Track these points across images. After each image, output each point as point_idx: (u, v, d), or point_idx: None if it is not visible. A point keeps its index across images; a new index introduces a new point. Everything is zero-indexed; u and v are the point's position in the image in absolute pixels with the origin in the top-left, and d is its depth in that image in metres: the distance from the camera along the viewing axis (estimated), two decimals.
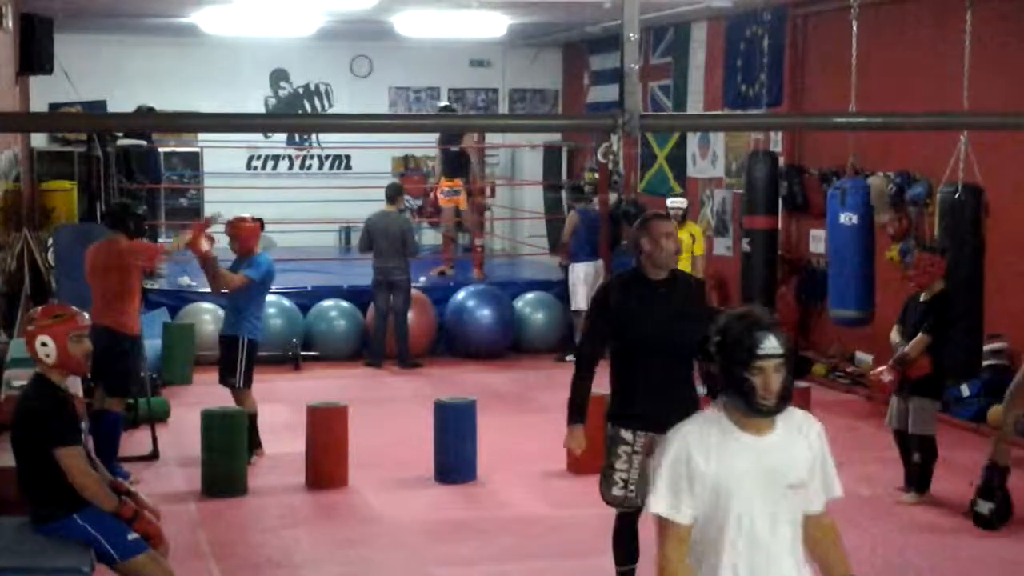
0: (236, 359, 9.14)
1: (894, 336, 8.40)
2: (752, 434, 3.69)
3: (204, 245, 8.88)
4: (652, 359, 5.85)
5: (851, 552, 7.42)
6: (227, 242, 9.38)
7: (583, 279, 13.10)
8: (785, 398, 3.63)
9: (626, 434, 5.89)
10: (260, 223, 9.42)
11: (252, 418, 9.11)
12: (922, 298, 8.23)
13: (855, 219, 10.08)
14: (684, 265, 10.57)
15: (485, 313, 13.23)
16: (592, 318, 6.13)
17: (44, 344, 5.52)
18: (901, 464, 8.43)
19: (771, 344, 3.58)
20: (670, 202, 12.36)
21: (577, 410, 6.03)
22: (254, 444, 9.11)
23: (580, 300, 13.08)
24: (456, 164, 14.86)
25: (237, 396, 9.21)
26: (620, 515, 6.04)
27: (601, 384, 5.97)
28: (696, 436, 3.69)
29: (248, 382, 9.21)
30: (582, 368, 6.03)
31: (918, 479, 8.23)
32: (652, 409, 5.84)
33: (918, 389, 8.10)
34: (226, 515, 8.01)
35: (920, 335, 8.05)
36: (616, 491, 5.92)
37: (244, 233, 9.25)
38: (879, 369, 8.55)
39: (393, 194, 13.32)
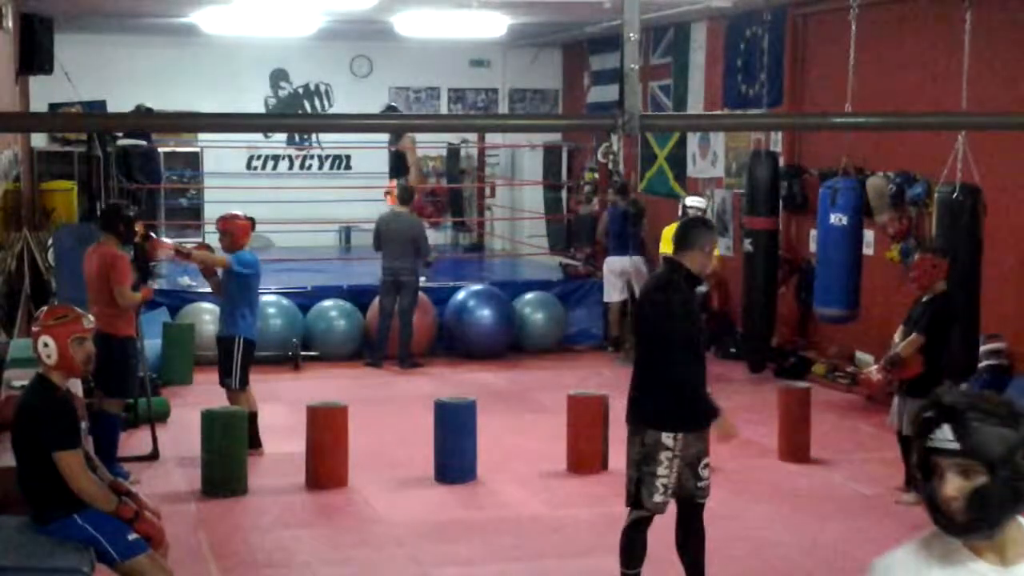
0: (232, 359, 9.17)
1: (897, 337, 8.40)
2: (993, 562, 2.59)
3: (161, 252, 9.24)
4: (696, 362, 6.00)
5: (851, 552, 7.46)
6: (218, 238, 9.43)
7: (614, 272, 13.28)
8: (981, 513, 2.52)
9: (667, 439, 5.90)
10: (252, 222, 9.46)
11: (253, 416, 9.13)
12: (924, 299, 8.23)
13: (844, 219, 10.09)
14: None
15: (485, 313, 13.23)
16: (683, 323, 6.03)
17: (46, 345, 5.53)
18: (901, 464, 8.42)
19: (943, 435, 2.55)
20: (690, 201, 12.12)
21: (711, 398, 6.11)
22: (254, 443, 9.12)
23: (610, 292, 13.41)
24: (397, 165, 14.77)
25: (233, 397, 9.21)
26: (640, 519, 6.04)
27: (592, 384, 6.03)
28: (906, 567, 2.63)
29: (244, 382, 9.23)
30: (695, 364, 6.04)
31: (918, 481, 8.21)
32: (695, 410, 5.98)
33: (912, 390, 8.10)
34: (226, 515, 8.01)
35: (913, 335, 8.05)
36: (658, 497, 5.94)
37: (237, 230, 9.28)
38: (869, 369, 8.56)
39: (405, 195, 13.32)
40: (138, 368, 9.15)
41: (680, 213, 11.48)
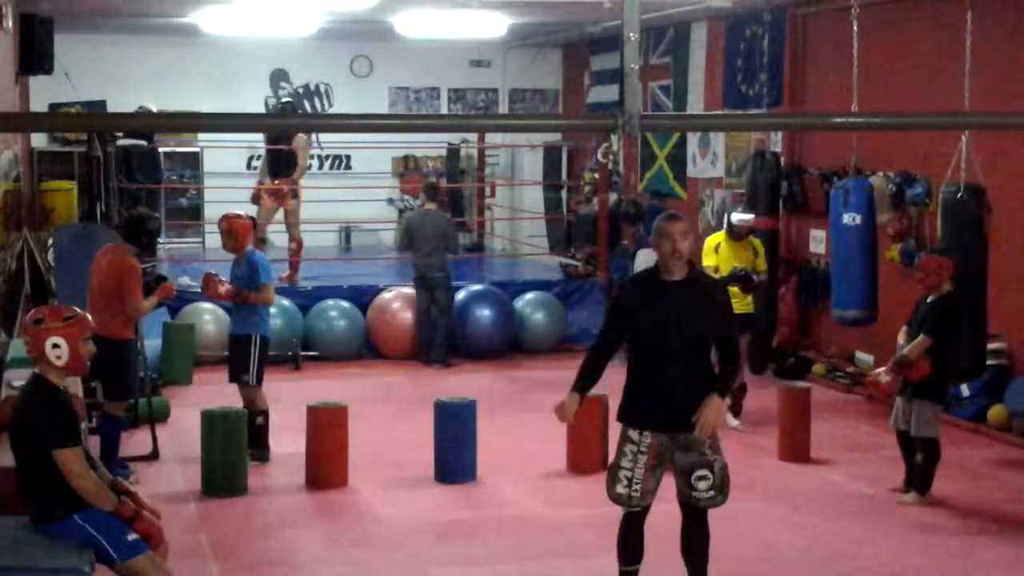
0: (249, 357, 9.15)
1: (901, 338, 8.39)
2: None
3: (220, 290, 9.13)
4: (661, 360, 5.86)
5: (851, 552, 7.45)
6: (221, 238, 9.41)
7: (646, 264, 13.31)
8: None
9: (632, 433, 5.91)
10: (253, 221, 9.48)
11: (265, 415, 9.19)
12: (929, 299, 8.21)
13: (858, 219, 10.05)
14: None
15: (485, 313, 13.22)
16: (608, 316, 6.23)
17: (56, 345, 5.52)
18: (901, 464, 8.41)
19: None
20: (735, 218, 10.53)
21: (580, 378, 6.04)
22: (261, 444, 9.13)
23: None
24: (280, 164, 14.64)
25: (249, 393, 9.20)
26: (627, 515, 6.03)
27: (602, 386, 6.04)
28: None
29: (260, 379, 9.24)
30: (596, 351, 6.09)
31: (919, 480, 8.22)
32: (658, 410, 5.87)
33: (919, 391, 8.09)
34: (226, 515, 8.01)
35: (920, 337, 8.03)
36: (620, 488, 5.93)
37: (240, 230, 9.28)
38: (877, 371, 8.52)
39: (431, 192, 13.37)
40: (138, 369, 9.15)
41: (726, 229, 10.43)
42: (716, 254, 10.20)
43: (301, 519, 7.97)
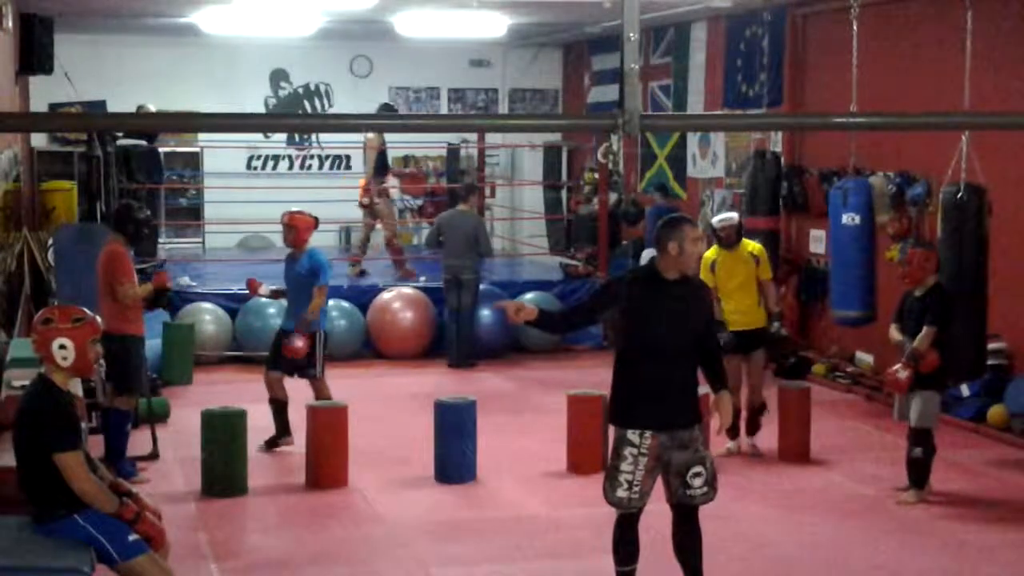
0: (314, 352, 9.34)
1: (893, 334, 8.37)
2: None
3: (298, 344, 9.32)
4: (659, 359, 5.88)
5: (851, 552, 7.45)
6: (282, 233, 9.68)
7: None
8: None
9: (632, 436, 5.89)
10: (315, 220, 9.75)
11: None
12: (917, 293, 8.22)
13: (857, 219, 10.05)
14: (748, 292, 9.35)
15: (485, 313, 13.22)
16: (595, 295, 6.30)
17: (63, 347, 5.51)
18: (902, 463, 8.39)
19: None
20: (715, 220, 9.71)
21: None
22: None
23: None
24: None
25: (318, 385, 9.39)
26: (622, 515, 6.04)
27: (592, 384, 6.07)
28: None
29: (323, 370, 9.45)
30: (568, 315, 6.67)
31: (917, 475, 8.19)
32: (657, 409, 5.88)
33: (926, 382, 8.05)
34: (226, 515, 8.01)
35: (926, 329, 8.01)
36: (620, 492, 5.92)
37: (301, 224, 9.50)
38: (894, 367, 8.35)
39: (466, 193, 13.40)
40: (145, 365, 9.14)
41: (715, 240, 9.57)
42: (713, 274, 9.27)
43: (301, 519, 7.97)
